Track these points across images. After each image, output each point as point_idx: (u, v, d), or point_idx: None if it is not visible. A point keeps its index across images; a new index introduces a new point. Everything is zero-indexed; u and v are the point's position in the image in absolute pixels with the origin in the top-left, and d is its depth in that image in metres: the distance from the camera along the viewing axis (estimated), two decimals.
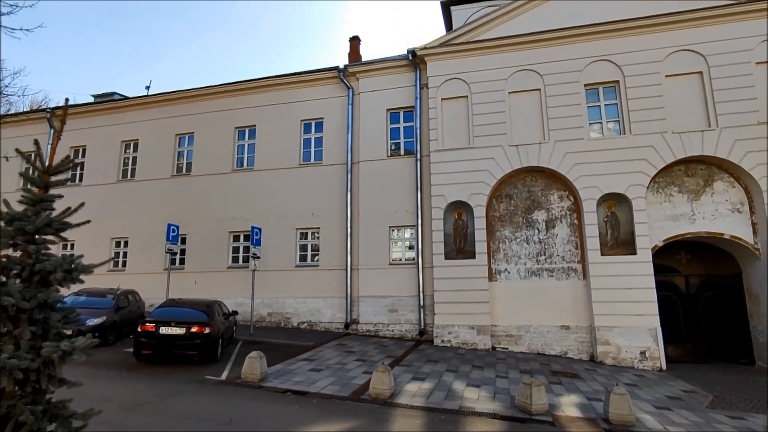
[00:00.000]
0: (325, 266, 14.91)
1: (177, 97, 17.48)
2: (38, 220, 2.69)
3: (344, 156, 15.31)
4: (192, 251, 16.08)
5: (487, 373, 9.68)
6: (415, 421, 6.58)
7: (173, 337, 9.20)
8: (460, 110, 14.02)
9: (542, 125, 13.31)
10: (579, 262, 12.73)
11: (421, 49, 14.42)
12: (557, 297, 12.60)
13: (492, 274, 13.17)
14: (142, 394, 7.30)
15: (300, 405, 7.10)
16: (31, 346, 2.55)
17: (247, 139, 16.74)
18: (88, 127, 18.07)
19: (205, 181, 16.54)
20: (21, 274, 2.69)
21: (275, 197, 15.64)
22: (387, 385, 7.50)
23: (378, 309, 14.01)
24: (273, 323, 14.93)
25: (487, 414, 6.95)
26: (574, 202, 13.06)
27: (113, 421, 5.77)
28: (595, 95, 13.36)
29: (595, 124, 13.26)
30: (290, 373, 8.88)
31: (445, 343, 12.65)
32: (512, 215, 13.46)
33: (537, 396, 7.00)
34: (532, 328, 12.57)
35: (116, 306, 11.74)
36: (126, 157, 18.01)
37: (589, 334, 12.15)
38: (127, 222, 16.80)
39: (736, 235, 12.00)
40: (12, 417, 2.44)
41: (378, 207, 14.54)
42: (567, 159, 12.81)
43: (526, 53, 13.73)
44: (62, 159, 2.96)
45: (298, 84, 16.30)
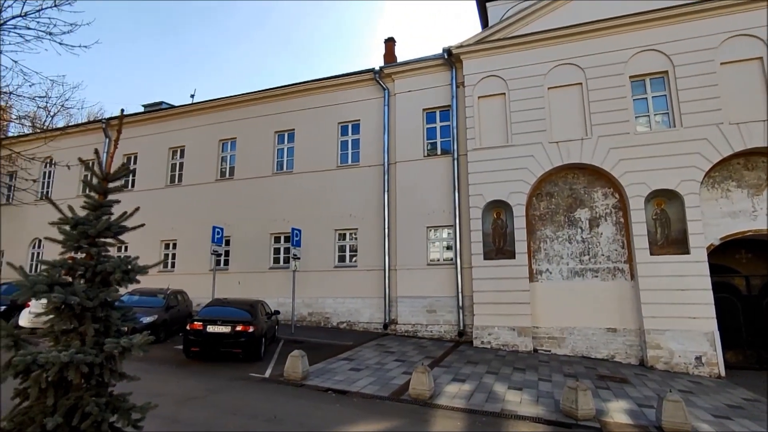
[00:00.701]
0: (364, 267, 15.04)
1: (219, 104, 18.16)
2: (99, 224, 2.89)
3: (381, 157, 15.39)
4: (236, 252, 16.66)
5: (529, 375, 9.45)
6: (455, 423, 6.52)
7: (219, 335, 9.56)
8: (498, 108, 13.77)
9: (584, 120, 12.85)
10: (626, 262, 12.20)
11: (457, 48, 14.28)
12: (603, 298, 12.13)
13: (533, 275, 12.85)
14: (192, 389, 7.63)
15: (341, 404, 7.20)
16: (94, 342, 2.74)
17: (286, 143, 17.15)
18: (139, 136, 19.09)
19: (247, 184, 17.09)
20: (85, 275, 2.90)
21: (314, 199, 15.94)
22: (427, 386, 7.47)
23: (416, 309, 13.99)
24: (313, 323, 15.21)
25: (530, 418, 6.79)
26: (619, 200, 12.54)
27: (166, 414, 6.06)
28: (642, 87, 12.76)
29: (641, 118, 12.66)
30: (331, 372, 9.02)
31: (484, 344, 12.46)
32: (553, 214, 13.09)
33: (583, 401, 6.76)
34: (576, 330, 12.16)
35: (166, 305, 12.33)
36: (173, 163, 18.89)
37: (639, 337, 11.62)
38: (175, 225, 17.61)
39: None
40: (79, 408, 2.63)
41: (415, 207, 14.52)
42: (611, 155, 12.31)
43: (566, 47, 13.31)
44: (119, 166, 3.16)
45: (334, 87, 16.55)
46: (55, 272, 2.78)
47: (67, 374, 2.57)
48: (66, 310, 2.72)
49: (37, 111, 16.19)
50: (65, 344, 2.72)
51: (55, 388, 2.61)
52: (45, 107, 12.43)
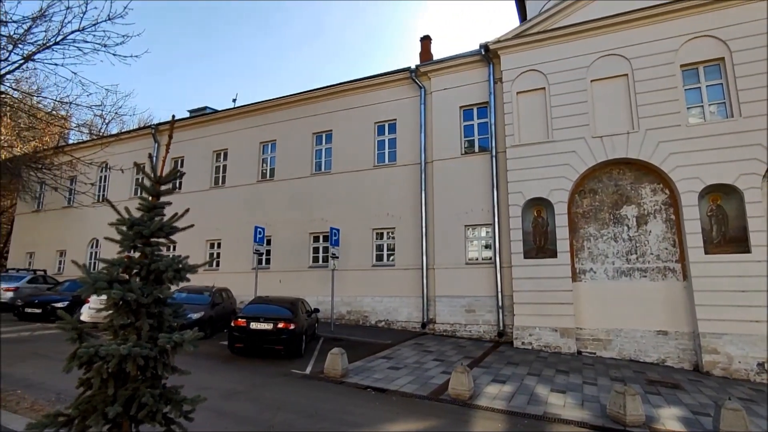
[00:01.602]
0: (401, 266, 15.06)
1: (260, 108, 18.70)
2: (152, 225, 3.07)
3: (417, 156, 15.36)
4: (276, 252, 17.11)
5: (573, 378, 9.16)
6: (496, 424, 6.42)
7: (262, 332, 9.85)
8: (537, 103, 13.41)
9: (630, 113, 12.30)
10: (678, 261, 11.58)
11: (495, 43, 14.02)
12: (652, 299, 11.57)
13: (576, 274, 12.43)
14: (237, 383, 7.91)
15: (380, 402, 7.25)
16: (149, 337, 2.91)
17: (324, 144, 17.43)
18: (185, 140, 19.95)
19: (287, 185, 17.51)
20: (140, 273, 3.08)
21: (351, 199, 16.12)
22: (466, 386, 7.40)
23: (455, 309, 13.86)
24: (352, 321, 15.38)
25: (574, 422, 6.58)
26: (670, 196, 11.91)
27: (213, 407, 6.32)
28: (695, 76, 12.06)
29: (694, 108, 11.97)
30: (370, 370, 9.10)
31: (525, 345, 12.18)
32: (597, 211, 12.61)
33: (632, 406, 6.48)
34: (623, 332, 11.67)
35: (212, 302, 12.83)
36: (217, 165, 19.63)
37: (692, 340, 11.01)
38: (219, 225, 18.29)
39: None
40: (136, 398, 2.81)
41: (453, 206, 14.38)
42: (661, 148, 11.71)
43: (611, 37, 12.77)
44: (170, 170, 3.34)
45: (371, 87, 16.66)
46: (113, 270, 2.98)
47: (126, 366, 2.75)
48: (124, 306, 2.91)
49: (93, 119, 17.29)
50: (123, 338, 2.91)
51: (114, 379, 2.80)
52: (101, 115, 13.26)
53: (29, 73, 15.17)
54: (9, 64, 9.43)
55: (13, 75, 10.37)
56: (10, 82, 10.83)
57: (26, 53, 9.25)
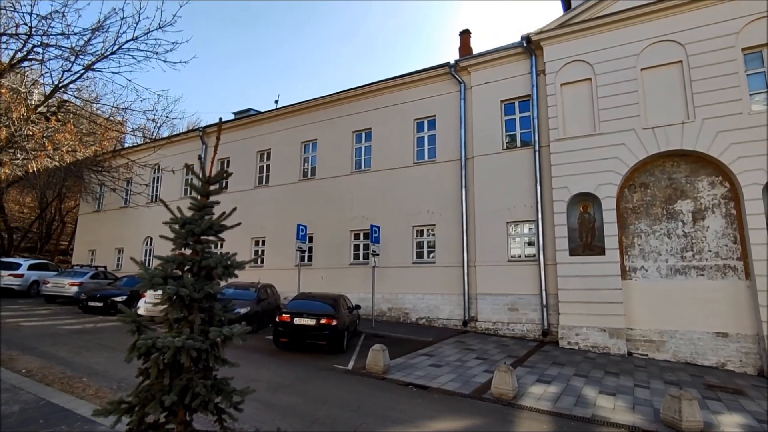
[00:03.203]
0: (442, 263, 14.96)
1: (301, 108, 19.11)
2: (203, 224, 3.22)
3: (458, 152, 15.18)
4: (318, 249, 17.45)
5: (623, 381, 8.78)
6: (542, 426, 6.26)
7: (306, 327, 10.09)
8: (583, 94, 12.91)
9: (685, 102, 11.60)
10: (739, 258, 10.83)
11: (537, 34, 13.61)
12: (710, 299, 10.89)
13: (625, 272, 11.90)
14: (282, 377, 8.15)
15: (422, 399, 7.25)
16: (201, 330, 3.06)
17: (363, 142, 17.57)
18: (230, 141, 20.70)
19: (328, 183, 17.80)
20: (192, 270, 3.25)
21: (391, 196, 16.16)
22: (510, 386, 7.26)
23: (497, 307, 13.62)
24: (393, 318, 15.45)
25: (625, 426, 6.31)
26: (730, 189, 11.15)
27: (261, 398, 6.55)
28: (759, 60, 11.21)
29: (757, 95, 11.13)
30: (411, 367, 9.11)
31: (571, 345, 11.79)
32: (649, 206, 11.99)
33: (688, 411, 6.13)
34: (678, 333, 11.06)
35: (258, 298, 13.27)
36: (261, 165, 20.25)
37: (757, 344, 10.27)
38: (263, 223, 18.86)
39: None
40: (190, 388, 2.96)
41: (494, 202, 14.12)
42: (719, 139, 10.97)
43: (663, 22, 12.08)
44: (218, 171, 3.49)
45: (409, 84, 16.62)
46: (168, 266, 3.16)
47: (180, 357, 2.90)
48: (177, 300, 3.08)
49: (146, 123, 18.29)
50: (177, 331, 3.07)
51: (170, 369, 2.97)
52: (153, 119, 14.02)
53: (89, 81, 16.24)
54: (72, 74, 10.14)
55: (75, 84, 11.13)
56: (72, 90, 11.63)
57: (86, 63, 9.91)
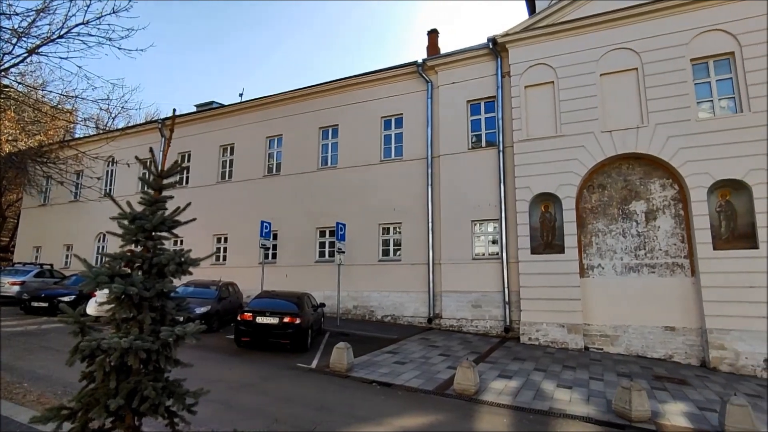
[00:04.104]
0: (408, 261, 15.03)
1: (266, 102, 18.70)
2: (154, 219, 3.07)
3: (424, 150, 15.28)
4: (283, 246, 17.16)
5: (579, 374, 9.11)
6: (502, 420, 6.40)
7: (268, 326, 9.90)
8: (546, 97, 13.27)
9: (640, 108, 12.13)
10: (686, 257, 11.45)
11: (503, 36, 13.87)
12: (660, 295, 11.46)
13: (584, 270, 12.34)
14: (244, 376, 7.96)
15: (385, 396, 7.26)
16: (151, 330, 2.92)
17: (330, 138, 17.40)
18: (192, 135, 20.02)
19: (293, 179, 17.52)
20: (142, 267, 3.09)
21: (358, 194, 16.09)
22: (472, 381, 7.38)
23: (461, 304, 13.83)
24: (358, 316, 15.41)
25: (580, 417, 6.55)
26: (679, 191, 11.76)
27: (222, 398, 6.37)
28: (704, 70, 11.86)
29: (704, 103, 11.79)
30: (375, 365, 9.11)
31: (532, 341, 12.13)
32: (606, 206, 12.48)
33: (638, 401, 6.43)
34: (630, 328, 11.58)
35: (219, 296, 12.91)
36: (224, 160, 19.68)
37: (700, 336, 10.90)
38: (226, 219, 18.37)
39: None
40: (138, 391, 2.82)
41: (459, 201, 14.32)
42: (670, 143, 11.55)
43: (620, 30, 12.58)
44: (172, 164, 3.33)
45: (377, 81, 16.58)
46: (115, 264, 2.99)
47: (128, 359, 2.76)
48: (126, 299, 2.92)
49: (99, 113, 17.38)
50: (125, 331, 2.92)
51: (117, 372, 2.82)
52: (107, 109, 13.33)
53: (34, 66, 15.25)
54: (13, 57, 9.45)
55: (17, 68, 10.41)
56: (14, 75, 10.86)
57: (30, 46, 9.26)
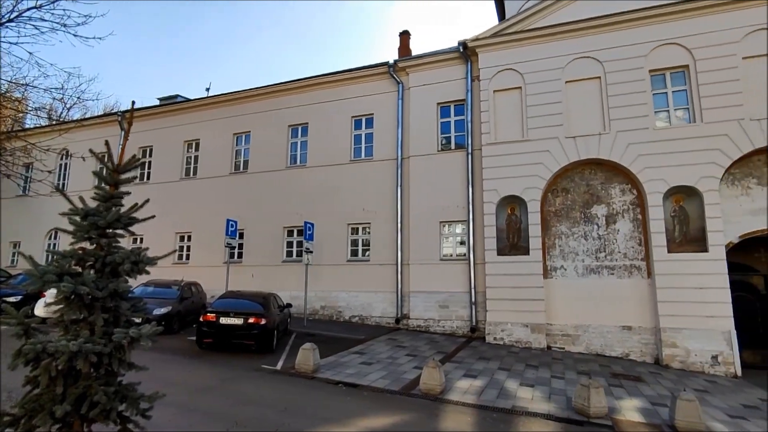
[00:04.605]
0: (376, 261, 15.03)
1: (234, 98, 18.27)
2: (109, 216, 2.92)
3: (394, 151, 15.32)
4: (249, 245, 16.80)
5: (541, 372, 9.36)
6: (466, 418, 6.48)
7: (232, 327, 9.67)
8: (514, 102, 13.56)
9: (602, 115, 12.59)
10: (643, 259, 11.96)
11: (473, 41, 14.09)
12: (619, 296, 11.92)
13: (547, 271, 12.69)
14: (206, 379, 7.73)
15: (351, 397, 7.22)
16: (103, 332, 2.78)
17: (300, 137, 17.18)
18: (154, 129, 19.32)
19: (261, 178, 17.20)
20: (94, 266, 2.94)
21: (327, 193, 15.96)
22: (438, 381, 7.44)
23: (429, 304, 13.94)
24: (326, 316, 15.28)
25: (541, 415, 6.72)
26: (637, 196, 12.27)
27: (181, 402, 6.16)
28: (662, 81, 12.43)
29: (661, 113, 12.35)
30: (342, 366, 9.05)
31: (497, 340, 12.37)
32: (569, 210, 12.88)
33: (596, 398, 6.66)
34: (590, 327, 11.99)
35: (180, 297, 12.50)
36: (188, 156, 19.08)
37: (654, 335, 11.41)
38: (189, 217, 17.83)
39: None
40: (88, 396, 2.67)
41: (428, 202, 14.43)
42: (630, 150, 12.04)
43: (585, 39, 13.02)
44: (129, 158, 3.19)
45: (348, 81, 16.50)
46: (65, 262, 2.82)
47: (76, 363, 2.61)
48: (76, 300, 2.77)
49: (53, 103, 16.47)
50: (74, 334, 2.76)
51: (64, 376, 2.66)
52: (61, 99, 12.66)
53: None
54: None
55: None
56: None
57: None
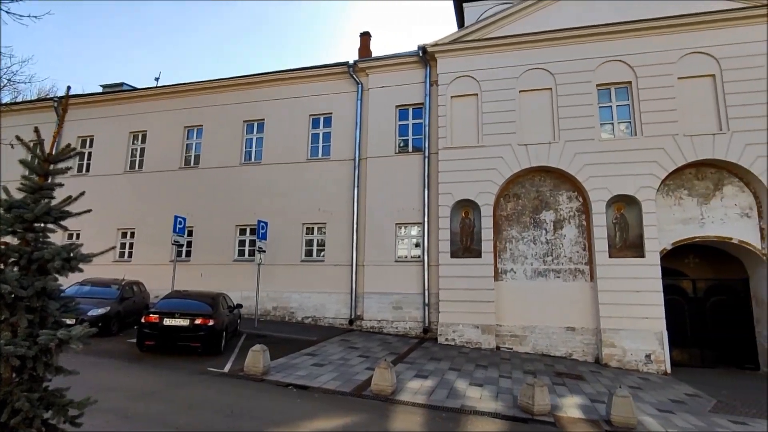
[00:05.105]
0: (331, 261, 14.90)
1: (186, 90, 17.54)
2: (37, 209, 2.68)
3: (352, 152, 15.26)
4: (198, 244, 16.16)
5: (490, 372, 9.62)
6: (416, 418, 6.55)
7: (177, 328, 9.25)
8: (470, 108, 13.90)
9: (553, 125, 13.15)
10: (587, 263, 12.59)
11: (432, 46, 14.31)
12: (564, 298, 12.48)
13: (498, 274, 13.08)
14: (146, 384, 7.35)
15: (302, 399, 7.11)
16: (28, 334, 2.54)
17: (255, 133, 16.75)
18: (96, 117, 18.18)
19: (213, 174, 16.60)
20: (19, 262, 2.69)
21: (282, 192, 15.66)
22: (389, 382, 7.47)
23: (383, 306, 13.99)
24: (278, 317, 14.97)
25: (488, 413, 6.90)
26: (583, 203, 12.91)
27: (117, 408, 5.82)
28: (607, 96, 13.17)
29: (606, 125, 13.08)
30: (293, 368, 8.90)
31: (449, 341, 12.60)
32: (520, 215, 13.35)
33: (540, 397, 6.93)
34: (537, 328, 12.48)
35: (121, 296, 11.82)
36: (134, 148, 18.09)
37: (595, 336, 12.04)
38: (134, 213, 16.91)
39: (744, 239, 11.81)
40: (8, 403, 2.44)
41: (385, 204, 14.49)
42: (577, 159, 12.65)
43: (539, 52, 13.56)
44: (63, 147, 2.95)
45: (307, 79, 16.27)
46: None
47: None
48: None
49: None
50: None
51: None
52: None
53: None
54: None
55: None
56: None
57: None
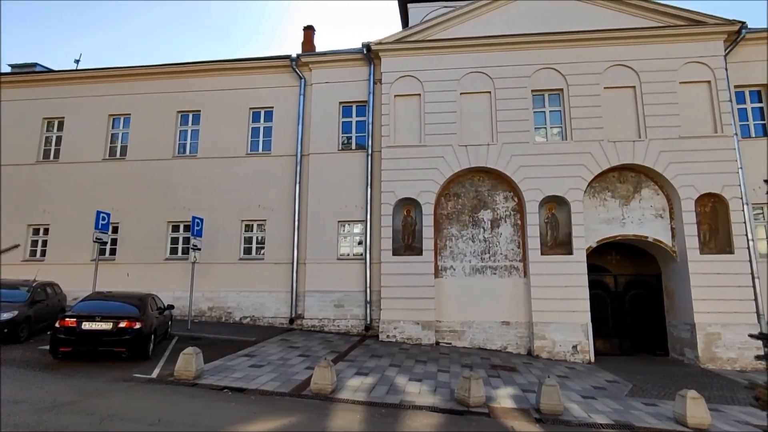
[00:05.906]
0: (271, 260, 14.47)
1: (112, 75, 16.22)
2: None
3: (294, 147, 14.91)
4: (125, 241, 15.02)
5: (429, 367, 9.81)
6: (355, 416, 6.51)
7: (98, 332, 8.49)
8: (413, 108, 14.10)
9: (491, 127, 13.67)
10: (521, 260, 13.23)
11: (376, 44, 14.33)
12: (499, 294, 13.03)
13: (438, 271, 13.38)
14: (61, 394, 6.68)
15: (237, 402, 6.81)
16: None
17: (190, 125, 15.86)
18: (4, 100, 16.34)
19: (143, 166, 15.49)
20: None
21: (220, 187, 14.96)
22: (329, 381, 7.37)
23: (324, 304, 13.81)
24: (214, 318, 14.29)
25: (426, 407, 7.02)
26: (518, 203, 13.55)
27: (25, 422, 5.24)
28: (541, 101, 13.92)
29: (540, 129, 13.82)
30: (229, 370, 8.52)
31: (390, 338, 12.70)
32: (459, 213, 13.75)
33: (475, 389, 7.17)
34: (475, 323, 12.92)
35: (31, 299, 10.67)
36: (48, 136, 16.44)
37: (528, 329, 12.68)
38: (48, 207, 15.38)
39: (658, 238, 13.01)
40: None
41: (327, 201, 14.31)
42: (513, 161, 13.25)
43: (479, 56, 14.03)
44: None
45: (247, 70, 15.67)
46: None
47: None
48: None
49: None
50: None
51: None
52: None
53: None
54: None
55: None
56: None
57: None
